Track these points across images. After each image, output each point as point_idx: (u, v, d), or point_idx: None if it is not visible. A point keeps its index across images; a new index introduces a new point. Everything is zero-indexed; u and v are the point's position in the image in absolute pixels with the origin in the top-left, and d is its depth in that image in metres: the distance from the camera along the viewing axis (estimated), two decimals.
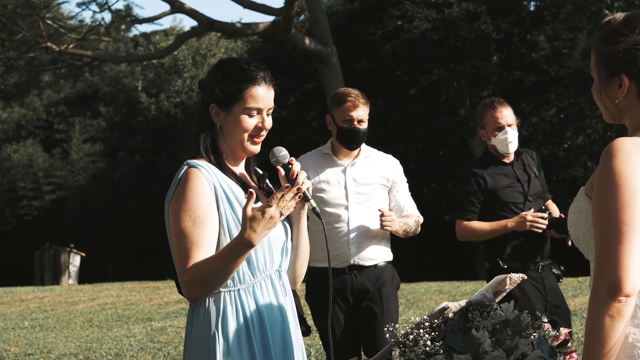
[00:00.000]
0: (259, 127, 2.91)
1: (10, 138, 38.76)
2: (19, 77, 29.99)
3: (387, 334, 2.44)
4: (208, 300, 2.80)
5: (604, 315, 2.08)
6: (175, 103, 38.20)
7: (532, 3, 28.82)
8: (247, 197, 2.71)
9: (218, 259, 2.72)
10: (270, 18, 22.04)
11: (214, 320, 2.78)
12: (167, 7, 22.04)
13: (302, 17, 31.47)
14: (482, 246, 5.28)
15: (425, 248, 28.09)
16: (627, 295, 2.08)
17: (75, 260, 30.87)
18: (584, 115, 25.16)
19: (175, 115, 37.77)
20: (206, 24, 21.68)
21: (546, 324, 2.46)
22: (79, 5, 37.93)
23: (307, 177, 2.90)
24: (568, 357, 2.48)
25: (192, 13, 21.50)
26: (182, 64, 38.51)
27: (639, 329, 2.19)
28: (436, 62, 27.95)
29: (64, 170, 37.36)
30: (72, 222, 35.89)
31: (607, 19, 2.37)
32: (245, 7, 21.97)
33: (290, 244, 2.98)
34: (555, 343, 2.46)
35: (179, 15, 45.84)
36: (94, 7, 42.94)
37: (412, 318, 2.47)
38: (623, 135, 2.26)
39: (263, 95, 2.90)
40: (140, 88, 40.13)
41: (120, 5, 62.75)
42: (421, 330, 2.39)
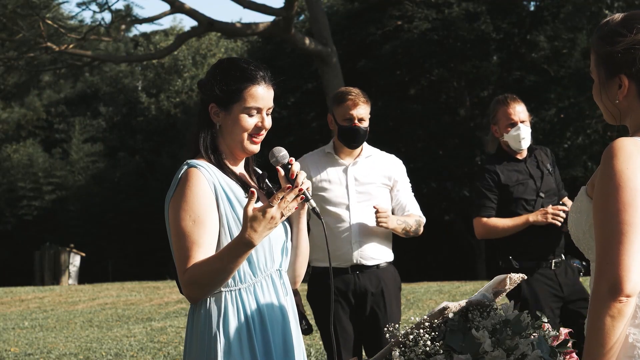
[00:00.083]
0: (259, 126, 2.90)
1: (10, 138, 38.76)
2: (19, 77, 30.00)
3: (387, 334, 2.44)
4: (209, 300, 2.79)
5: (604, 315, 2.09)
6: (175, 103, 38.20)
7: (532, 3, 28.85)
8: (248, 196, 2.71)
9: (218, 258, 2.71)
10: (270, 18, 22.04)
11: (215, 320, 2.77)
12: (167, 7, 22.05)
13: (302, 17, 31.47)
14: (482, 246, 5.26)
15: (425, 248, 28.06)
16: (628, 296, 2.08)
17: (75, 260, 30.87)
18: (584, 115, 25.16)
19: (175, 115, 37.78)
20: (206, 24, 21.68)
21: (546, 324, 2.46)
22: (79, 5, 37.97)
23: (307, 177, 2.90)
24: (568, 357, 2.48)
25: (192, 13, 21.50)
26: (182, 64, 38.51)
27: (639, 329, 2.19)
28: (436, 62, 27.96)
29: (64, 170, 37.37)
30: (72, 222, 35.90)
31: (606, 19, 2.37)
32: (245, 7, 21.96)
33: (290, 244, 2.98)
34: (555, 343, 2.46)
35: (179, 15, 45.89)
36: (94, 7, 43.03)
37: (412, 318, 2.47)
38: (624, 135, 2.26)
39: (263, 95, 2.89)
40: (140, 88, 40.14)
41: (120, 5, 62.87)
42: (421, 330, 2.39)
